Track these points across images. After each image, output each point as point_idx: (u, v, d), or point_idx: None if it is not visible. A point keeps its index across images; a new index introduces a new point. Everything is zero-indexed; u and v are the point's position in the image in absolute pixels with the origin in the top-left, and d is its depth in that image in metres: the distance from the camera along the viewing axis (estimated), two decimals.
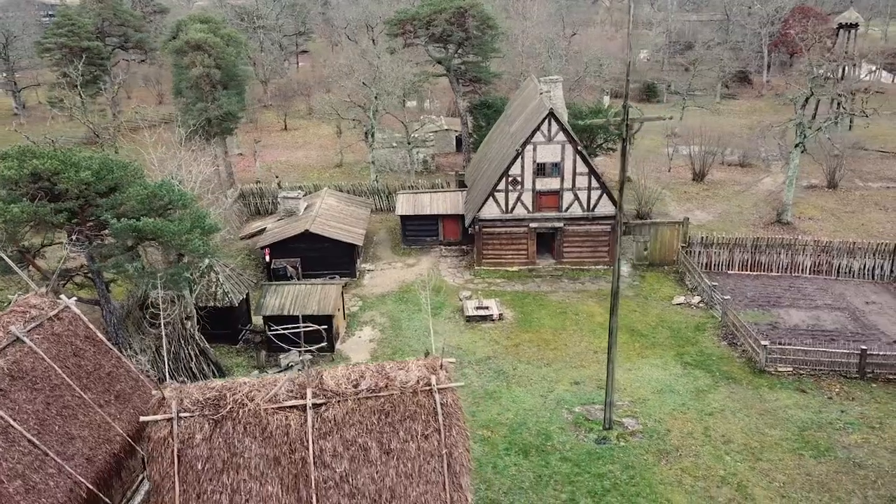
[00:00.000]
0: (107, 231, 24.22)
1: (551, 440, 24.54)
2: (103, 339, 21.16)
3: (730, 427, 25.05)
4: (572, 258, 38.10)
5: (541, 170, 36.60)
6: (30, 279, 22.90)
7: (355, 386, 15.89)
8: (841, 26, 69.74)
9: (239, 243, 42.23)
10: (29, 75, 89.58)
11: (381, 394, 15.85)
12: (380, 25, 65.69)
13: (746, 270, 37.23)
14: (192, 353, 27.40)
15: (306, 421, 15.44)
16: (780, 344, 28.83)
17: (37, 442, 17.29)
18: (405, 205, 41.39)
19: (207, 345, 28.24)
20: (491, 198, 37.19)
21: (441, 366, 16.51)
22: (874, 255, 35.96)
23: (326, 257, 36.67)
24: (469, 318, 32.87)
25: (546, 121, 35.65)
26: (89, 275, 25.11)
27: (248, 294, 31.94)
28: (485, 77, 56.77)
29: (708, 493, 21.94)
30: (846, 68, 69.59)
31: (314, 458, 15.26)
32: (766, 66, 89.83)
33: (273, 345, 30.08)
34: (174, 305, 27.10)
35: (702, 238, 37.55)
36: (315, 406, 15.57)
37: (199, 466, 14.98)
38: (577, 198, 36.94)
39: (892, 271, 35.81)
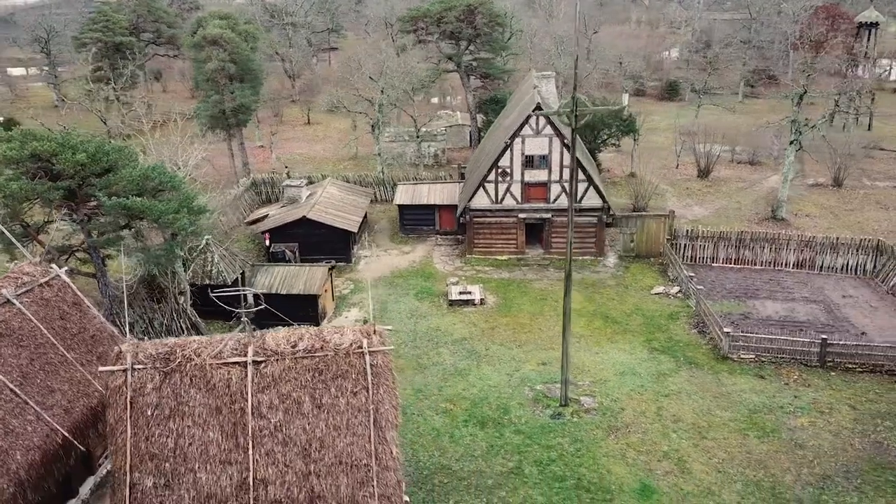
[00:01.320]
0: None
1: (509, 414, 25.96)
2: (90, 305, 23.23)
3: (682, 408, 26.15)
4: (560, 248, 39.29)
5: (529, 162, 37.89)
6: (32, 252, 25.18)
7: (293, 346, 17.56)
8: (861, 25, 69.36)
9: (246, 228, 44.30)
10: (70, 69, 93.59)
11: (317, 354, 17.50)
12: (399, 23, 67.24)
13: (730, 264, 37.99)
14: (183, 327, 29.43)
15: (247, 376, 17.17)
16: (744, 332, 29.70)
17: (18, 392, 19.37)
18: (404, 195, 43.05)
19: (199, 319, 30.23)
20: (481, 188, 38.62)
21: (374, 331, 18.05)
22: (857, 250, 36.42)
23: (323, 242, 38.49)
24: (452, 303, 34.37)
25: (534, 115, 36.90)
26: (88, 250, 27.26)
27: (242, 273, 33.85)
28: (495, 73, 58.14)
29: (648, 465, 23.13)
30: (865, 67, 69.30)
31: (252, 409, 16.98)
32: (790, 66, 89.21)
33: (264, 323, 31.91)
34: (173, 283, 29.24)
35: (687, 231, 38.43)
36: (255, 363, 17.29)
37: (149, 413, 16.80)
38: (564, 190, 38.13)
39: (874, 267, 36.22)
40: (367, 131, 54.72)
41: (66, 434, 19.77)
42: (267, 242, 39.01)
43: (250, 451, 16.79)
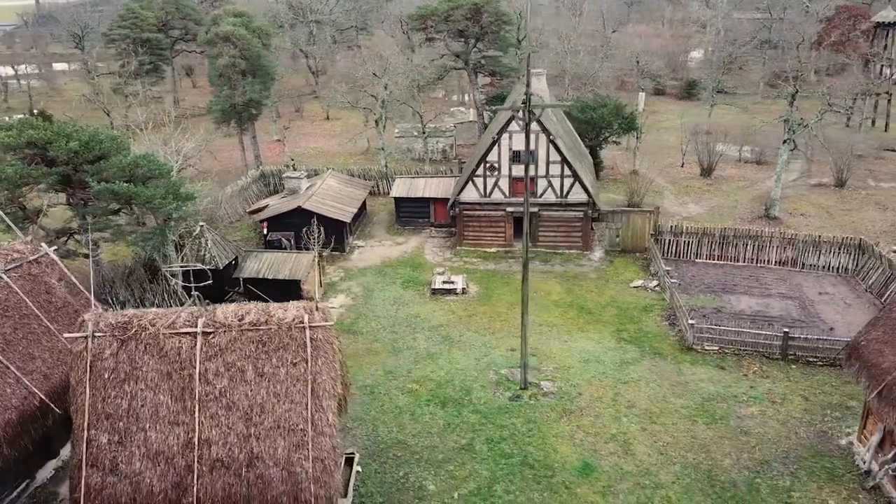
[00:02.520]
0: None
1: (470, 395, 27.18)
2: (76, 282, 25.06)
3: (638, 394, 27.09)
4: (547, 242, 40.34)
5: (516, 157, 38.98)
6: (34, 234, 27.15)
7: (240, 320, 19.07)
8: (879, 25, 68.75)
9: (250, 217, 46.15)
10: (107, 65, 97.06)
11: (261, 327, 18.98)
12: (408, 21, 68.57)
13: (714, 260, 38.61)
14: (173, 306, 31.17)
15: (196, 345, 18.71)
16: (710, 325, 30.47)
17: (1, 359, 21.21)
18: (400, 188, 44.48)
19: (188, 300, 31.98)
20: (470, 182, 39.84)
21: (317, 308, 19.47)
22: (839, 249, 36.78)
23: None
24: (434, 291, 35.67)
25: (520, 111, 37.88)
26: (82, 232, 29.18)
27: (235, 259, 35.55)
28: (502, 71, 59.15)
29: (594, 446, 24.17)
30: (882, 67, 68.69)
31: (199, 376, 18.51)
32: (810, 66, 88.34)
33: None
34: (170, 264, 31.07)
35: (671, 227, 39.13)
36: (204, 333, 18.82)
37: (106, 376, 18.44)
38: (550, 185, 39.14)
39: (856, 265, 36.54)
40: (371, 126, 56.11)
41: (44, 397, 21.52)
42: (265, 231, 40.73)
43: (196, 414, 18.32)
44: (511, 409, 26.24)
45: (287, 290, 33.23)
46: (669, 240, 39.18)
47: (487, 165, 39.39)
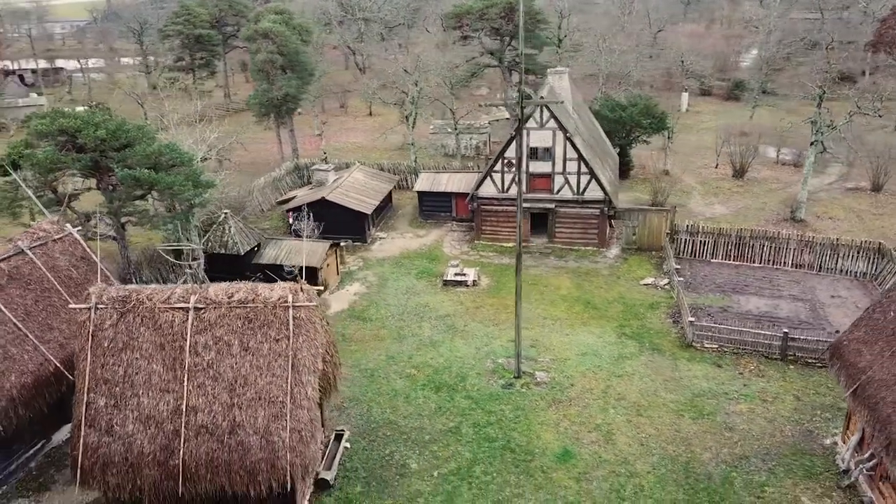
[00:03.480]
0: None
1: (465, 382, 28.10)
2: (97, 260, 26.88)
3: (630, 388, 27.56)
4: (563, 238, 40.88)
5: (534, 153, 39.62)
6: (66, 217, 29.21)
7: (229, 297, 20.43)
8: None
9: (279, 207, 47.94)
10: (161, 60, 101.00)
11: (248, 305, 20.30)
12: (444, 19, 69.63)
13: (729, 260, 38.54)
14: None
15: (188, 319, 20.16)
16: (709, 323, 30.67)
17: (20, 326, 23.11)
18: (424, 182, 45.58)
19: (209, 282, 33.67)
20: (489, 177, 40.67)
21: (301, 290, 20.68)
22: (857, 253, 36.33)
23: (340, 222, 41.48)
24: (446, 283, 36.65)
25: (538, 108, 38.62)
26: (109, 216, 31.15)
27: (257, 245, 37.18)
28: (535, 69, 59.69)
29: (577, 435, 24.82)
30: None
31: (190, 348, 19.94)
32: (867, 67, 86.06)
33: None
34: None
35: (687, 226, 39.20)
36: (196, 309, 20.25)
37: (106, 344, 20.03)
38: (567, 182, 39.66)
39: (874, 270, 36.05)
40: (403, 122, 57.32)
41: (59, 364, 23.34)
42: (290, 220, 42.36)
43: (185, 383, 19.77)
44: (502, 397, 27.06)
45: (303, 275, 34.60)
46: (685, 239, 39.24)
47: (505, 161, 40.15)
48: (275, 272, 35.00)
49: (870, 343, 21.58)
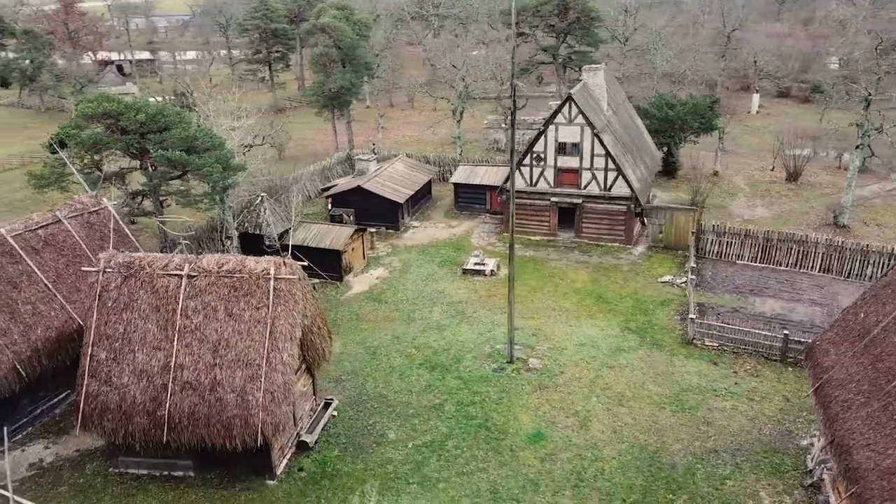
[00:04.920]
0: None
1: (459, 364, 29.30)
2: (128, 232, 29.60)
3: (618, 379, 28.08)
4: (590, 234, 41.31)
5: (562, 148, 40.24)
6: (110, 194, 32.14)
7: (219, 267, 22.42)
8: None
9: (324, 194, 50.23)
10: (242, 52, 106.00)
11: (235, 275, 22.23)
12: (500, 15, 70.39)
13: (755, 262, 38.08)
14: None
15: (181, 285, 22.26)
16: (707, 321, 30.73)
17: (50, 286, 25.90)
18: (460, 174, 46.86)
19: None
20: (518, 171, 41.52)
21: (284, 264, 22.44)
22: (889, 259, 35.29)
23: (375, 210, 43.34)
24: (465, 271, 37.86)
25: (567, 104, 39.23)
26: (148, 194, 33.96)
27: (290, 228, 39.38)
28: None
29: (554, 419, 25.63)
30: None
31: (181, 311, 22.04)
32: None
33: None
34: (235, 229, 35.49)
35: (713, 226, 38.94)
36: (189, 276, 22.33)
37: (110, 304, 22.38)
38: (594, 177, 40.09)
39: None
40: (450, 116, 58.68)
41: (82, 322, 25.95)
42: (329, 206, 44.52)
43: (175, 343, 21.88)
44: (491, 379, 28.12)
45: (328, 257, 36.63)
46: (712, 239, 39.00)
47: (534, 155, 40.94)
48: (304, 253, 37.07)
49: (837, 343, 21.53)
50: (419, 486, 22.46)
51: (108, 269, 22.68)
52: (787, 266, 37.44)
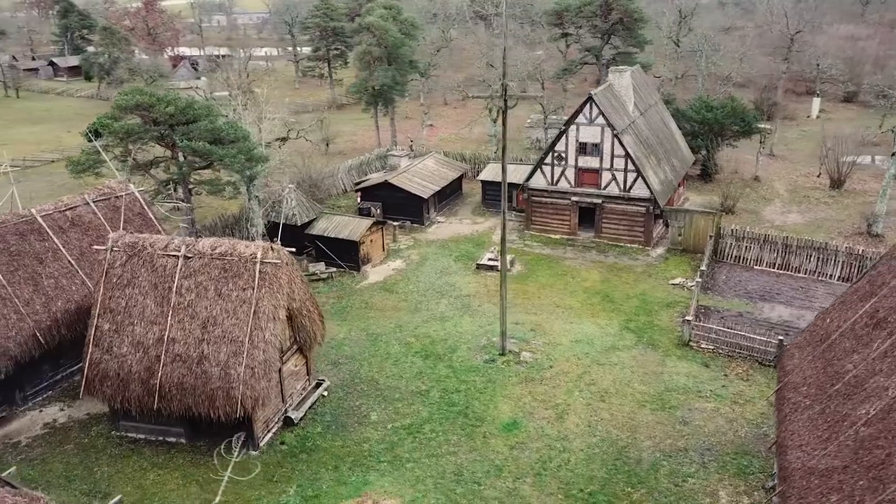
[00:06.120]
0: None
1: (454, 354, 30.30)
2: (152, 216, 31.79)
3: (605, 376, 28.52)
4: (610, 234, 41.53)
5: (582, 148, 40.61)
6: (146, 181, 34.53)
7: (213, 250, 24.12)
8: None
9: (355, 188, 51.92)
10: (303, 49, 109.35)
11: (226, 258, 23.89)
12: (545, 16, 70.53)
13: (772, 268, 37.61)
14: None
15: (178, 265, 24.07)
16: (705, 324, 30.75)
17: (73, 263, 28.23)
18: (488, 172, 47.69)
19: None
20: (539, 169, 42.13)
21: (272, 248, 23.96)
22: None
23: (401, 205, 44.69)
24: (479, 266, 38.75)
25: (587, 104, 39.60)
26: (177, 182, 36.20)
27: (315, 218, 41.08)
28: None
29: (532, 410, 26.35)
30: None
31: (176, 289, 23.85)
32: None
33: (320, 259, 39.14)
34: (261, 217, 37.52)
35: (732, 231, 38.62)
36: (185, 258, 24.12)
37: (115, 280, 24.38)
38: (614, 178, 40.31)
39: None
40: (485, 114, 59.42)
41: None
42: (358, 200, 46.12)
43: (169, 318, 23.70)
44: (479, 370, 29.01)
45: (346, 248, 38.18)
46: (731, 243, 38.70)
47: (556, 155, 41.44)
48: (325, 243, 38.71)
49: (802, 348, 21.56)
50: (389, 465, 23.61)
51: (115, 248, 24.69)
52: (805, 273, 36.83)
